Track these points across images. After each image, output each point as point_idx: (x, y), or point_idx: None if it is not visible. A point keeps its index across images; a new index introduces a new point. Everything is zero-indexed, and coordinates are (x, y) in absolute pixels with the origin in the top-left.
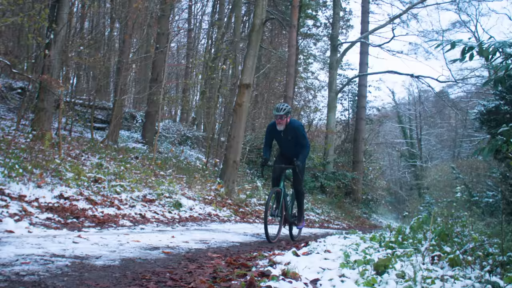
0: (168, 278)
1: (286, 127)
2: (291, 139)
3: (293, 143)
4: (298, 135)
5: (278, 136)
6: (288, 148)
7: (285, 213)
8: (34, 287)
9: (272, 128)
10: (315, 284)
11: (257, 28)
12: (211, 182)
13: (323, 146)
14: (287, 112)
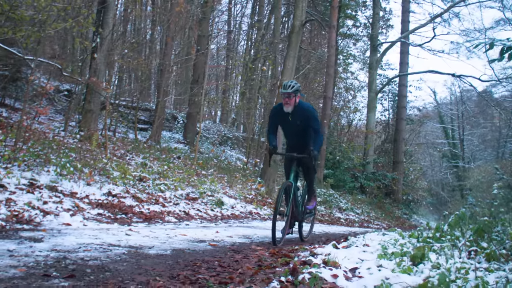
0: (217, 265)
1: (295, 109)
2: (300, 123)
3: (302, 129)
4: (309, 118)
5: (284, 120)
6: (296, 136)
7: (294, 209)
8: (99, 270)
9: (278, 110)
10: (354, 272)
11: (296, 29)
12: (251, 181)
13: (362, 146)
14: (296, 90)
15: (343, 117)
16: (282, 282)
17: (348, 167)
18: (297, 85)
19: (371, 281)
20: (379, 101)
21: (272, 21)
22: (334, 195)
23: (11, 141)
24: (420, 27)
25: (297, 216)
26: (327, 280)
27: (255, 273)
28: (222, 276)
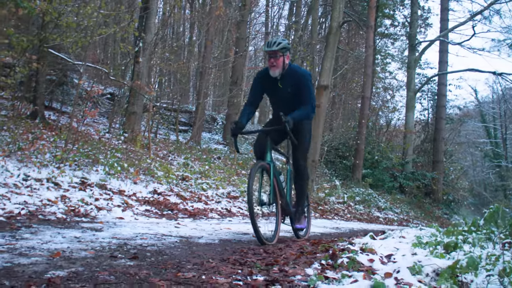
0: (262, 252)
1: (285, 72)
2: (291, 91)
3: (295, 99)
4: (302, 86)
5: (272, 87)
6: (287, 108)
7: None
8: (157, 254)
9: (263, 76)
10: (389, 258)
11: (334, 30)
12: None
13: (401, 146)
14: (284, 48)
15: (382, 117)
16: (322, 265)
17: (387, 166)
18: (284, 42)
19: (404, 264)
20: (418, 101)
21: (309, 22)
22: (373, 195)
23: (61, 143)
24: (459, 25)
25: (285, 208)
26: (364, 264)
27: (297, 257)
28: (267, 260)
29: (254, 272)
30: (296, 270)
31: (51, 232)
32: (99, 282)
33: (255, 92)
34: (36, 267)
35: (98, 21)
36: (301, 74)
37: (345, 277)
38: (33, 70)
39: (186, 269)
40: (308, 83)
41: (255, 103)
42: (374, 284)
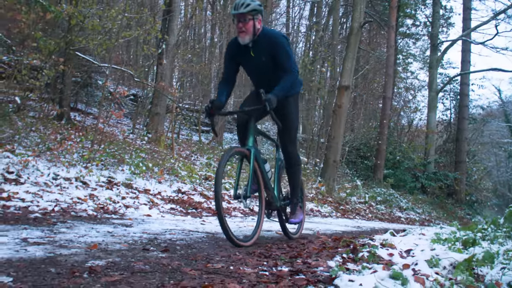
0: (285, 246)
1: (257, 39)
2: (266, 60)
3: (271, 69)
4: (278, 52)
5: (244, 57)
6: (265, 80)
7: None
8: (186, 247)
9: (233, 45)
10: (408, 252)
11: (355, 31)
12: (312, 181)
13: (423, 146)
14: (254, 10)
15: (403, 117)
16: (344, 258)
17: (408, 167)
18: (255, 3)
19: (422, 257)
20: (440, 101)
21: (330, 22)
22: (394, 195)
23: (87, 143)
24: (482, 24)
25: (271, 202)
26: (383, 258)
27: (319, 251)
28: (291, 254)
29: (279, 264)
30: (319, 262)
31: (85, 227)
32: (135, 270)
33: (227, 66)
34: (76, 257)
35: (122, 24)
36: (274, 38)
37: (365, 269)
38: (60, 72)
39: (214, 260)
40: (285, 47)
41: (231, 79)
42: (393, 273)
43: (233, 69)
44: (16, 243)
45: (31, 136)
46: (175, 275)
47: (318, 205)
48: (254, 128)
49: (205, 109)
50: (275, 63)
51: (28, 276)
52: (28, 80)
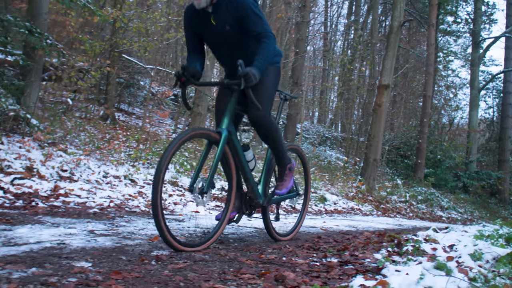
0: (332, 241)
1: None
2: (231, 28)
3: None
4: (245, 15)
5: (203, 26)
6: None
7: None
8: (238, 240)
9: (190, 12)
10: (451, 247)
11: (395, 30)
12: (352, 179)
13: (465, 145)
14: None
15: (444, 116)
16: (389, 251)
17: (449, 166)
18: None
19: (465, 251)
20: (483, 99)
21: (369, 20)
22: (435, 194)
23: (133, 142)
24: None
25: (252, 198)
26: (427, 252)
27: (365, 245)
28: (338, 247)
29: (328, 255)
30: (365, 255)
31: (142, 221)
32: (197, 259)
33: (188, 36)
34: (141, 247)
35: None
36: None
37: (410, 261)
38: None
39: (267, 252)
40: (252, 7)
41: (197, 49)
42: (437, 264)
43: (196, 39)
44: (85, 234)
45: (80, 136)
46: (233, 264)
47: (359, 203)
48: (234, 106)
49: (175, 75)
50: (243, 30)
51: (103, 262)
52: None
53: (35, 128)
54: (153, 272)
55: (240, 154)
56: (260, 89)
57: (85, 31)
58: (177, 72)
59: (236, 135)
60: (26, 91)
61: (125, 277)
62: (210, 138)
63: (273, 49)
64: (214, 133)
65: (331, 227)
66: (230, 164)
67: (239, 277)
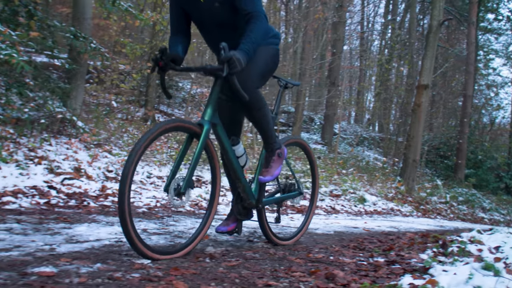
0: (376, 241)
1: None
2: (220, 6)
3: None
4: None
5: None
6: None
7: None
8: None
9: None
10: (497, 249)
11: (434, 29)
12: (391, 180)
13: (507, 145)
14: None
15: (485, 115)
16: (434, 252)
17: (491, 166)
18: None
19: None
20: None
21: (406, 19)
22: (477, 195)
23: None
24: None
25: (245, 197)
26: (473, 253)
27: (410, 245)
28: (383, 247)
29: (374, 255)
30: (411, 255)
31: (190, 221)
32: (248, 257)
33: (173, 13)
34: None
35: None
36: None
37: (456, 261)
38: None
39: (314, 251)
40: None
41: (182, 29)
42: (485, 265)
43: (182, 18)
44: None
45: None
46: (283, 262)
47: (398, 204)
48: (218, 95)
49: (153, 60)
50: (233, 9)
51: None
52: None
53: (80, 130)
54: (208, 269)
55: (227, 149)
56: (247, 73)
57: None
58: (154, 56)
59: (222, 128)
60: (72, 94)
61: (184, 273)
62: (190, 131)
63: (263, 31)
64: (194, 125)
65: (373, 227)
66: (214, 162)
67: (290, 275)
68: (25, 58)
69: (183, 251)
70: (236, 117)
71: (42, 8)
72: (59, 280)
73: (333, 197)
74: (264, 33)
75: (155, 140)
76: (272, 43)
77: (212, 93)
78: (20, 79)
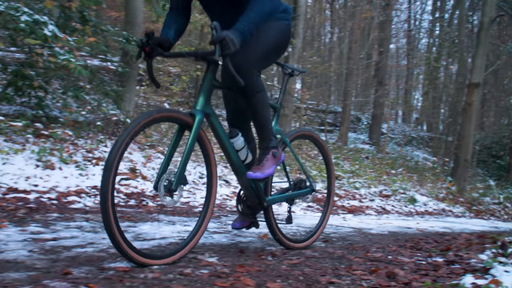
0: (432, 240)
1: None
2: None
3: None
4: None
5: None
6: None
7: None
8: (341, 239)
9: None
10: None
11: (485, 26)
12: (441, 180)
13: None
14: None
15: None
16: (493, 253)
17: None
18: None
19: None
20: None
21: (455, 16)
22: None
23: None
24: None
25: (249, 195)
26: None
27: (468, 246)
28: (440, 247)
29: (432, 255)
30: (470, 255)
31: None
32: (308, 256)
33: None
34: (254, 244)
35: None
36: None
37: None
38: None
39: (372, 251)
40: None
41: (181, 7)
42: None
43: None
44: None
45: None
46: (343, 261)
47: (450, 205)
48: (211, 82)
49: (138, 45)
50: None
51: (225, 257)
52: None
53: None
54: (272, 267)
55: (224, 141)
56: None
57: None
58: (140, 41)
59: (216, 118)
60: (125, 96)
61: (249, 270)
62: (180, 122)
63: (267, 9)
64: (184, 115)
65: (426, 228)
66: (209, 156)
67: (351, 273)
68: (81, 63)
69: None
70: (237, 107)
71: (95, 13)
72: (135, 275)
73: (383, 197)
74: (268, 11)
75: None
76: (281, 18)
77: (204, 81)
78: (76, 82)
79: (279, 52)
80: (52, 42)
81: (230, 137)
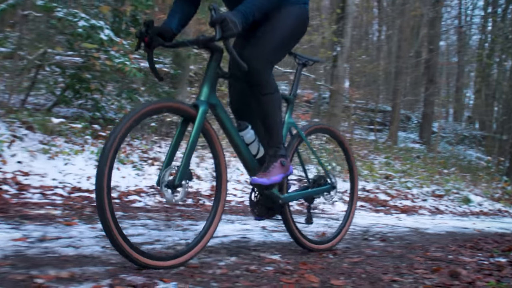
0: (491, 241)
1: None
2: None
3: None
4: None
5: None
6: None
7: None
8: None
9: None
10: None
11: None
12: (496, 180)
13: None
14: None
15: None
16: None
17: None
18: None
19: None
20: None
21: (509, 10)
22: None
23: None
24: None
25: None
26: None
27: None
28: (501, 248)
29: (494, 255)
30: None
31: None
32: (368, 255)
33: None
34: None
35: None
36: None
37: None
38: None
39: (431, 250)
40: None
41: None
42: None
43: None
44: (260, 230)
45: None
46: (403, 260)
47: (506, 205)
48: (216, 71)
49: (137, 36)
50: None
51: (287, 254)
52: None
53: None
54: (333, 264)
55: (232, 135)
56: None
57: None
58: (139, 31)
59: (223, 109)
60: (177, 97)
61: (312, 268)
62: (183, 113)
63: None
64: (187, 106)
65: (483, 229)
66: (216, 149)
67: (413, 272)
68: (136, 66)
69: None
70: (245, 98)
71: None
72: (204, 271)
73: (436, 197)
74: None
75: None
76: (296, 1)
77: (208, 69)
78: (130, 85)
79: (296, 40)
80: (108, 46)
81: (239, 130)
